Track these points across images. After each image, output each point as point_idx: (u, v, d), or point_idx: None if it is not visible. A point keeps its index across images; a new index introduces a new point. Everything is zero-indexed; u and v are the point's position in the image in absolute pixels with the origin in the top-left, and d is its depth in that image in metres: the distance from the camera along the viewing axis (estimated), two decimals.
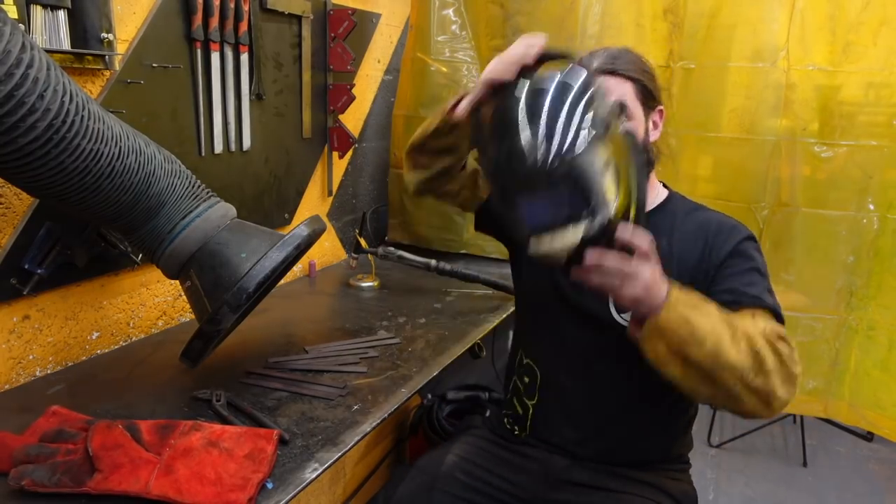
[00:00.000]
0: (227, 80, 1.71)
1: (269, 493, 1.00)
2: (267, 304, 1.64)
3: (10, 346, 1.34)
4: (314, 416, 1.24)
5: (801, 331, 2.04)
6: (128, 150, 1.15)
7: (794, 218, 1.99)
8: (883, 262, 1.94)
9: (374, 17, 2.41)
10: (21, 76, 0.94)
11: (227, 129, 1.75)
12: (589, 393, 1.27)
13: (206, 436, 1.07)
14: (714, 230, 1.22)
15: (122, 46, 1.44)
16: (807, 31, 1.89)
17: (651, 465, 1.28)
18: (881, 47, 1.85)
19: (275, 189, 2.02)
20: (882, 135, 1.90)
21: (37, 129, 0.98)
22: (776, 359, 0.99)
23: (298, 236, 1.28)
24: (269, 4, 1.81)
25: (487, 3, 2.22)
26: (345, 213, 2.44)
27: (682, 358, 0.98)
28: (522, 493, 1.27)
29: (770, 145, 1.95)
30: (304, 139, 2.11)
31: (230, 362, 1.46)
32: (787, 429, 3.04)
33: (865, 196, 1.94)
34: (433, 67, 2.28)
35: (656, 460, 1.29)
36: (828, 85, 1.91)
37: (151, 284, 1.66)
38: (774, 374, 0.98)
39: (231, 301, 1.18)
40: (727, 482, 2.67)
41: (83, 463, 1.00)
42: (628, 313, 1.14)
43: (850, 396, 2.05)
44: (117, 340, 1.58)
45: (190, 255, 1.27)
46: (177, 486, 0.97)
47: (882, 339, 1.96)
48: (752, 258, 1.19)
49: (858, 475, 2.76)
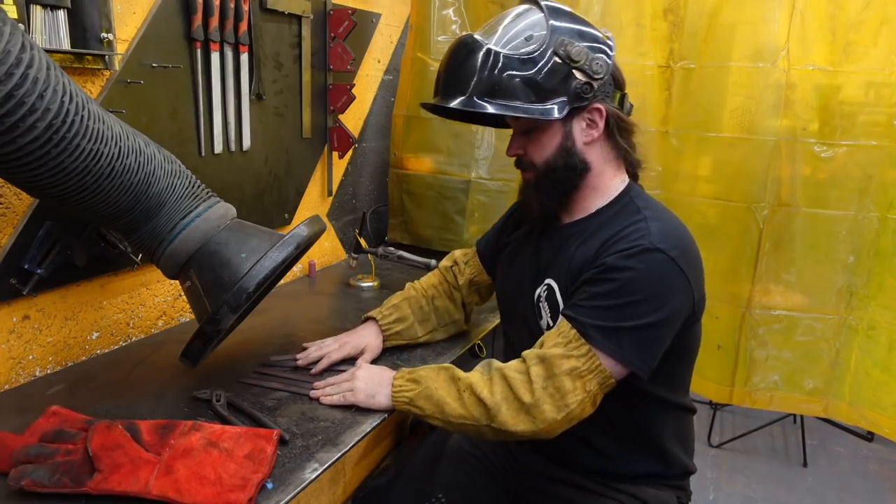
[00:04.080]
0: (227, 80, 1.71)
1: (269, 494, 1.00)
2: (267, 304, 1.63)
3: (10, 346, 1.34)
4: (314, 416, 1.24)
5: (801, 331, 2.04)
6: (128, 150, 1.15)
7: (795, 218, 1.99)
8: (883, 262, 1.94)
9: (374, 17, 2.41)
10: (21, 76, 0.94)
11: (227, 129, 1.75)
12: None
13: (206, 436, 1.07)
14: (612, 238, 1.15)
15: (122, 46, 1.44)
16: (807, 31, 1.88)
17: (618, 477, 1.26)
18: (881, 47, 1.85)
19: (275, 189, 2.02)
20: (882, 135, 1.90)
21: (36, 129, 0.98)
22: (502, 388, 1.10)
23: (298, 236, 1.28)
24: (269, 4, 1.80)
25: (487, 3, 2.22)
26: (345, 213, 2.44)
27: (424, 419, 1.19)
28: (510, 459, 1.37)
29: (770, 145, 1.95)
30: (304, 139, 2.11)
31: (230, 362, 1.46)
32: (787, 429, 3.05)
33: (866, 196, 1.94)
34: (433, 67, 2.28)
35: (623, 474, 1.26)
36: (828, 85, 1.91)
37: (151, 284, 1.66)
38: (495, 404, 1.10)
39: (231, 301, 1.18)
40: (727, 482, 2.68)
41: (83, 463, 1.00)
42: (542, 319, 1.25)
43: (851, 396, 2.05)
44: (117, 340, 1.58)
45: (190, 255, 1.27)
46: (177, 487, 0.97)
47: (882, 338, 1.96)
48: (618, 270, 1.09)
49: (858, 475, 2.76)
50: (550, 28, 1.16)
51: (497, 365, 1.14)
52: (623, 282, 1.08)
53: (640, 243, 1.10)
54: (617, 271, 1.09)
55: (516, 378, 1.09)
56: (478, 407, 1.11)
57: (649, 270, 1.09)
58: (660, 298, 1.09)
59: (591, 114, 1.20)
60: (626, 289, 1.08)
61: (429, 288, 1.58)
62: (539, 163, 1.23)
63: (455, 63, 1.20)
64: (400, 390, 1.20)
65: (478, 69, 1.16)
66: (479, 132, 2.28)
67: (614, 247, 1.12)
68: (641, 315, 1.08)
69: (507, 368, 1.12)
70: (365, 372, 1.28)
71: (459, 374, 1.16)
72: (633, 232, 1.13)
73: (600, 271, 1.12)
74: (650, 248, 1.09)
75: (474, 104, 1.17)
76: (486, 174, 2.30)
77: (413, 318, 1.53)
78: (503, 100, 1.16)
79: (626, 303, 1.08)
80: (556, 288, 1.22)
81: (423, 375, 1.20)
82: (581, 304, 1.12)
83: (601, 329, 1.08)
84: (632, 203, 1.22)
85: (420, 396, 1.17)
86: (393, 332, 1.50)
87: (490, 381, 1.12)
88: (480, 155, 2.29)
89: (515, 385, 1.09)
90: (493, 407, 1.09)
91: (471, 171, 2.30)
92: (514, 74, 1.15)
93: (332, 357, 1.42)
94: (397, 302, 1.54)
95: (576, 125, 1.20)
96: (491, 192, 2.31)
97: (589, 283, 1.13)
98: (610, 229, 1.18)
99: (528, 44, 1.16)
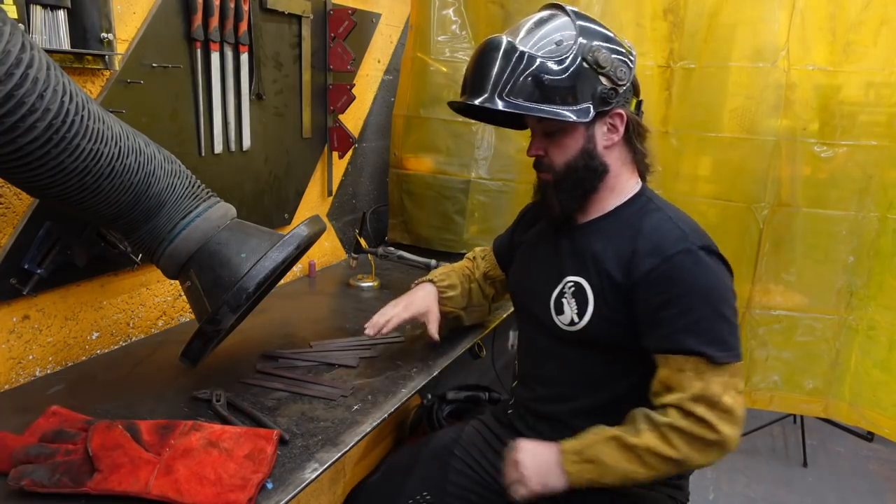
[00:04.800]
0: (227, 80, 1.71)
1: (269, 494, 1.00)
2: (267, 304, 1.64)
3: (10, 346, 1.34)
4: (314, 416, 1.24)
5: (801, 331, 2.04)
6: (128, 150, 1.15)
7: (795, 218, 1.99)
8: (883, 262, 1.94)
9: (374, 16, 2.41)
10: (21, 76, 0.94)
11: (227, 129, 1.75)
12: (545, 391, 1.34)
13: (205, 436, 1.07)
14: (642, 240, 1.19)
15: (122, 46, 1.44)
16: (807, 31, 1.88)
17: None
18: (881, 47, 1.85)
19: (275, 189, 2.02)
20: (882, 135, 1.90)
21: (36, 129, 0.98)
22: (682, 440, 1.10)
23: (298, 236, 1.28)
24: (269, 4, 1.80)
25: (487, 3, 2.22)
26: (345, 213, 2.44)
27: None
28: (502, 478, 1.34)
29: (770, 145, 1.95)
30: (304, 139, 2.11)
31: (230, 362, 1.46)
32: (787, 429, 3.04)
33: (866, 196, 1.94)
34: (433, 67, 2.28)
35: None
36: (828, 85, 1.91)
37: (151, 284, 1.66)
38: (685, 455, 1.10)
39: (231, 301, 1.18)
40: (727, 482, 2.67)
41: (83, 463, 1.00)
42: (563, 315, 1.26)
43: (851, 396, 2.05)
44: (117, 340, 1.58)
45: (190, 255, 1.27)
46: (176, 487, 0.97)
47: (882, 339, 1.96)
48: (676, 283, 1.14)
49: (858, 475, 2.76)
50: (578, 33, 1.18)
51: (658, 419, 1.13)
52: (692, 294, 1.14)
53: (683, 246, 1.15)
54: (681, 283, 1.14)
55: (688, 426, 1.11)
56: (666, 465, 1.12)
57: (705, 271, 1.15)
58: (728, 290, 1.17)
59: (613, 118, 1.23)
60: (699, 297, 1.14)
61: (465, 269, 1.62)
62: (560, 164, 1.25)
63: (486, 62, 1.20)
64: (579, 473, 1.15)
65: (509, 70, 1.17)
66: (479, 132, 2.28)
67: (658, 252, 1.16)
68: (726, 310, 1.14)
69: (673, 420, 1.11)
70: (528, 457, 1.20)
71: (629, 439, 1.12)
72: (668, 234, 1.18)
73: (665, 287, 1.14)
74: (694, 249, 1.15)
75: (508, 104, 1.18)
76: (486, 174, 2.30)
77: (460, 289, 1.56)
78: (532, 101, 1.17)
79: (710, 311, 1.13)
80: (587, 285, 1.23)
81: (595, 454, 1.15)
82: (678, 332, 1.13)
83: (712, 343, 1.12)
84: (650, 203, 1.27)
85: (603, 475, 1.14)
86: (446, 297, 1.54)
87: (665, 438, 1.11)
88: (480, 155, 2.29)
89: (693, 431, 1.10)
90: (682, 459, 1.11)
91: (471, 171, 2.30)
92: (544, 77, 1.17)
93: (401, 317, 1.46)
94: (447, 270, 1.60)
95: (598, 129, 1.23)
96: (491, 192, 2.31)
97: (665, 305, 1.14)
98: (635, 228, 1.21)
99: (558, 48, 1.18)
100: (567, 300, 1.25)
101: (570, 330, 1.25)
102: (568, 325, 1.25)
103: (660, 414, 1.13)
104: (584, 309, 1.22)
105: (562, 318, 1.26)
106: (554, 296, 1.28)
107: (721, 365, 1.11)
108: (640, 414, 1.15)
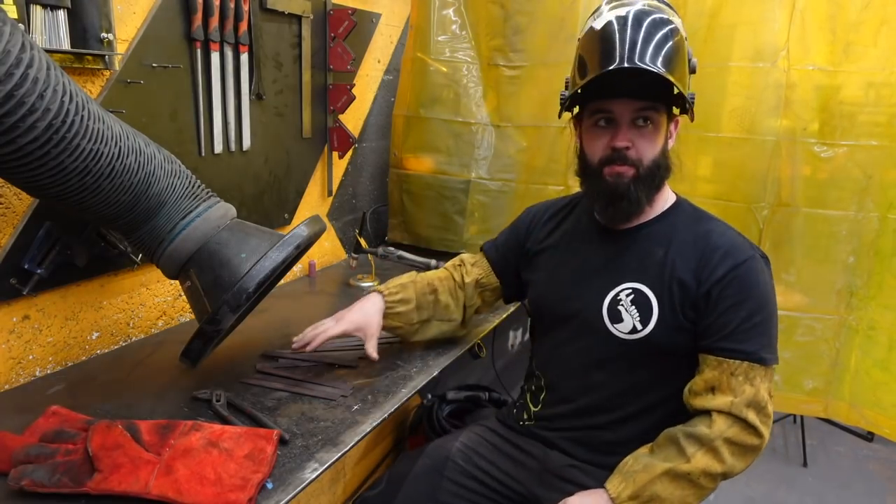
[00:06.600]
0: (227, 80, 1.71)
1: (269, 494, 1.00)
2: (267, 304, 1.63)
3: (10, 346, 1.34)
4: (314, 416, 1.24)
5: (801, 331, 2.04)
6: (127, 150, 1.15)
7: (795, 218, 1.99)
8: (883, 262, 1.94)
9: (374, 16, 2.41)
10: (21, 76, 0.94)
11: (227, 129, 1.75)
12: (588, 401, 1.29)
13: (205, 436, 1.07)
14: (711, 246, 1.20)
15: (122, 46, 1.44)
16: (807, 31, 1.88)
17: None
18: (881, 47, 1.85)
19: (275, 189, 2.02)
20: (882, 135, 1.89)
21: (36, 129, 0.98)
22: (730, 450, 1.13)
23: (298, 236, 1.28)
24: (269, 4, 1.81)
25: (487, 3, 2.22)
26: (345, 213, 2.44)
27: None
28: (518, 486, 1.31)
29: (770, 145, 1.95)
30: (304, 139, 2.11)
31: (230, 362, 1.46)
32: (787, 429, 3.04)
33: (866, 196, 1.93)
34: (433, 67, 2.28)
35: None
36: (828, 85, 1.91)
37: (151, 284, 1.66)
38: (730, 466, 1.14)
39: (231, 301, 1.18)
40: (727, 482, 2.67)
41: (83, 463, 1.00)
42: (622, 323, 1.22)
43: (851, 396, 2.05)
44: (117, 340, 1.58)
45: (190, 255, 1.27)
46: (177, 487, 0.97)
47: (882, 339, 1.96)
48: (746, 288, 1.17)
49: (858, 475, 2.76)
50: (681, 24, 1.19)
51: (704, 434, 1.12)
52: (758, 299, 1.17)
53: (750, 253, 1.19)
54: (750, 288, 1.17)
55: (736, 433, 1.13)
56: (714, 481, 1.15)
57: (767, 278, 1.20)
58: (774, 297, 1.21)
59: (674, 120, 1.24)
60: (762, 302, 1.17)
61: (434, 280, 1.54)
62: (647, 159, 1.20)
63: (648, 30, 1.15)
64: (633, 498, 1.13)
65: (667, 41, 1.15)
66: (479, 132, 2.28)
67: (730, 258, 1.18)
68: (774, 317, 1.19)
69: (722, 430, 1.12)
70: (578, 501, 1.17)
71: (681, 468, 1.12)
72: (734, 241, 1.21)
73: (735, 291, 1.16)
74: (756, 257, 1.19)
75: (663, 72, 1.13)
76: (486, 174, 2.30)
77: (415, 303, 1.49)
78: (674, 76, 1.14)
79: (768, 316, 1.17)
80: (649, 292, 1.21)
81: (652, 494, 1.13)
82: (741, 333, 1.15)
83: (767, 347, 1.16)
84: (698, 209, 1.29)
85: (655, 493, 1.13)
86: (394, 312, 1.47)
87: (716, 454, 1.13)
88: (480, 155, 2.29)
89: (740, 438, 1.13)
90: (727, 471, 1.14)
91: (471, 171, 2.30)
92: (682, 57, 1.16)
93: (331, 332, 1.39)
94: (405, 282, 1.52)
95: (672, 128, 1.24)
96: (491, 192, 2.31)
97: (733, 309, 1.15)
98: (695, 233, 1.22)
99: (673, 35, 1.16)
100: (625, 307, 1.22)
101: (631, 339, 1.21)
102: (628, 334, 1.21)
103: (701, 424, 1.13)
104: (648, 316, 1.20)
105: (620, 327, 1.22)
106: (607, 303, 1.24)
107: (770, 368, 1.14)
108: (681, 435, 1.14)
